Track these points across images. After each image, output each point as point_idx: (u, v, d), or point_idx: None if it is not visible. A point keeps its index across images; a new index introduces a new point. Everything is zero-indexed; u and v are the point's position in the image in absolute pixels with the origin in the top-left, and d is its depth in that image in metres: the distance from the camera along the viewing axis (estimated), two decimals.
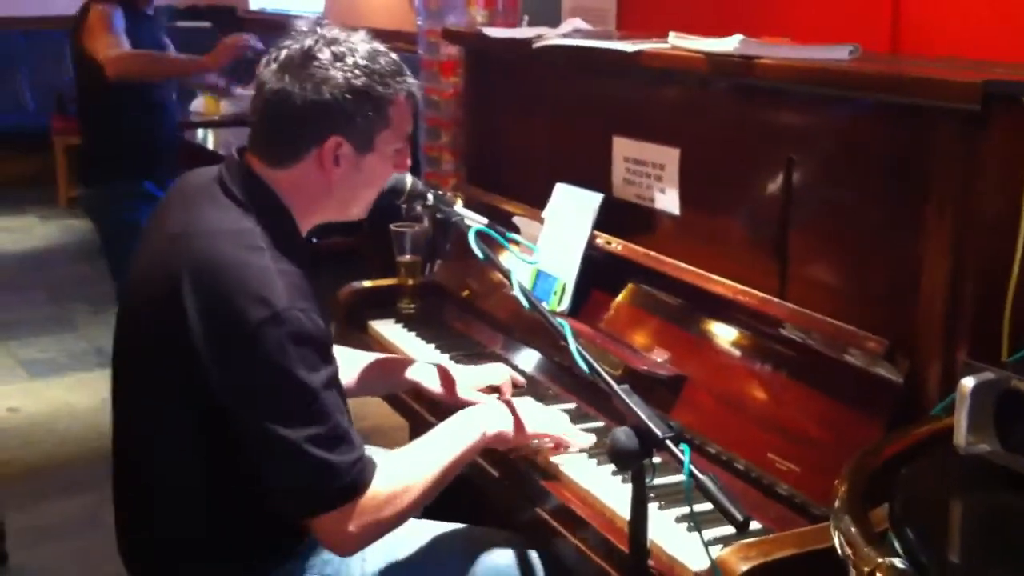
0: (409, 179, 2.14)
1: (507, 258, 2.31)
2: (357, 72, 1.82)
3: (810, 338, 1.86)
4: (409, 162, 2.00)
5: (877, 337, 1.73)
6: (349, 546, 1.80)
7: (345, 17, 4.61)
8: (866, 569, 1.14)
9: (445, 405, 2.20)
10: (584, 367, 1.76)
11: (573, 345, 1.77)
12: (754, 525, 1.76)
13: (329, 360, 1.79)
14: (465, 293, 2.82)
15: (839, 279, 1.89)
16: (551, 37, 2.49)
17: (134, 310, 1.92)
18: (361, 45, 1.86)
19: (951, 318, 1.66)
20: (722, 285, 2.04)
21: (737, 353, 2.01)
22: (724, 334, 2.05)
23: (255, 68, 1.91)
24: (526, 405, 2.06)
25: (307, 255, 1.88)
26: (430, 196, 2.18)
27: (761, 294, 1.96)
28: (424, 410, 2.36)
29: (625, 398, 1.67)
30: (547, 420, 2.04)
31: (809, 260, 1.95)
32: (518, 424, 1.97)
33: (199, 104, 6.56)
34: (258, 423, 1.72)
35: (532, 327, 2.52)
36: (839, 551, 1.23)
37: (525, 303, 1.93)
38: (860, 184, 1.84)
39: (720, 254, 2.12)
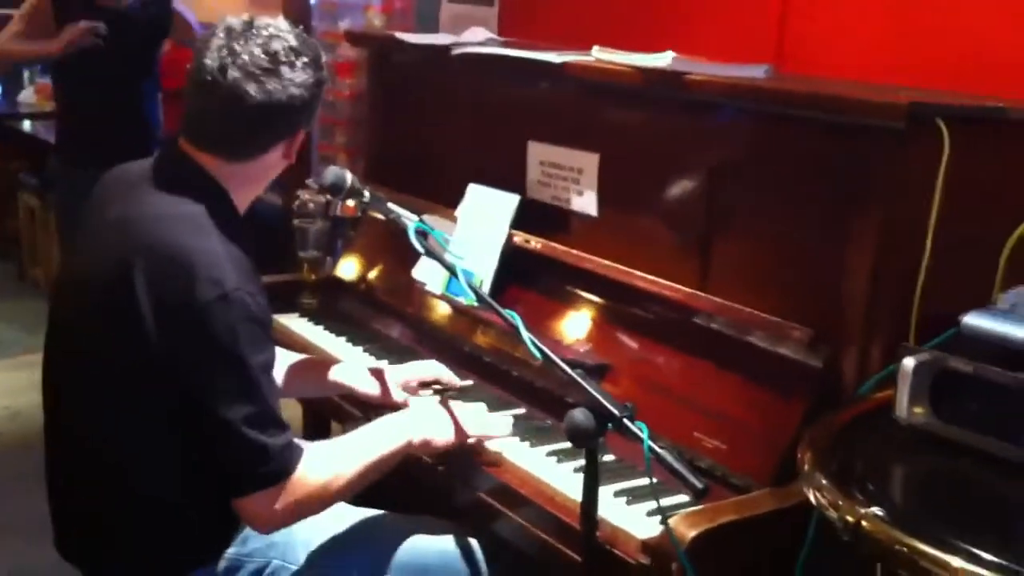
0: (349, 176, 2.23)
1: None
2: (314, 67, 1.93)
3: (736, 329, 2.06)
4: None
5: (802, 327, 1.93)
6: (271, 525, 1.88)
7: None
8: (850, 519, 1.33)
9: (378, 405, 2.28)
10: (537, 355, 1.89)
11: (526, 335, 1.90)
12: (681, 498, 1.93)
13: (270, 344, 1.87)
14: (363, 287, 2.91)
15: (760, 278, 2.08)
16: (467, 45, 2.62)
17: (76, 300, 1.93)
18: (295, 35, 1.94)
19: (870, 311, 1.88)
20: (647, 280, 2.22)
21: (661, 344, 2.19)
22: (647, 327, 2.23)
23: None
24: (459, 410, 2.12)
25: (250, 237, 1.93)
26: (366, 193, 2.26)
27: (688, 289, 2.14)
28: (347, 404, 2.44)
29: (582, 381, 1.81)
30: (479, 423, 2.13)
31: (731, 259, 2.15)
32: (449, 431, 2.06)
33: (28, 95, 6.34)
34: (199, 400, 1.78)
35: (439, 319, 2.65)
36: (818, 506, 1.42)
37: (472, 296, 2.06)
38: (783, 191, 2.05)
39: (640, 253, 2.29)
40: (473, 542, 2.11)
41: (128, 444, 1.88)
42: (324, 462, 1.89)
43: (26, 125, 6.12)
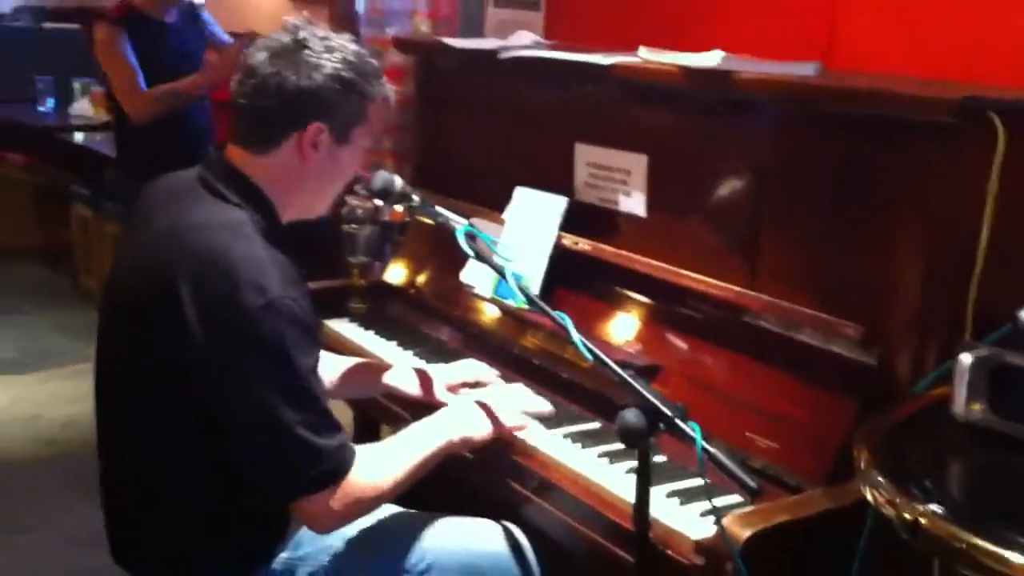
0: (398, 181, 2.25)
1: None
2: (346, 65, 1.93)
3: (786, 327, 2.05)
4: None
5: (853, 324, 1.92)
6: (330, 525, 1.91)
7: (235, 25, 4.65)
8: (908, 517, 1.32)
9: (422, 405, 2.30)
10: (588, 356, 1.89)
11: (576, 336, 1.90)
12: (734, 498, 1.92)
13: (317, 346, 1.89)
14: (412, 291, 2.93)
15: (810, 276, 2.07)
16: (514, 49, 2.63)
17: (123, 308, 1.96)
18: (349, 44, 1.97)
19: (923, 308, 1.86)
20: (696, 280, 2.22)
21: (711, 344, 2.18)
22: (697, 327, 2.22)
23: None
24: (495, 403, 2.16)
25: (294, 244, 1.95)
26: (415, 197, 2.28)
27: (737, 288, 2.14)
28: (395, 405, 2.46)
29: (633, 382, 1.81)
30: (514, 412, 2.17)
31: (780, 258, 2.14)
32: (486, 426, 2.10)
33: (82, 107, 6.44)
34: (251, 407, 1.79)
35: (488, 322, 2.65)
36: (875, 504, 1.41)
37: (522, 298, 2.07)
38: (832, 188, 2.04)
39: (689, 253, 2.29)
40: (524, 541, 2.12)
41: (171, 452, 1.90)
42: (375, 462, 1.91)
43: (78, 137, 6.21)
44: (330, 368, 2.31)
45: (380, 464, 1.92)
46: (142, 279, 1.89)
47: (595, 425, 2.26)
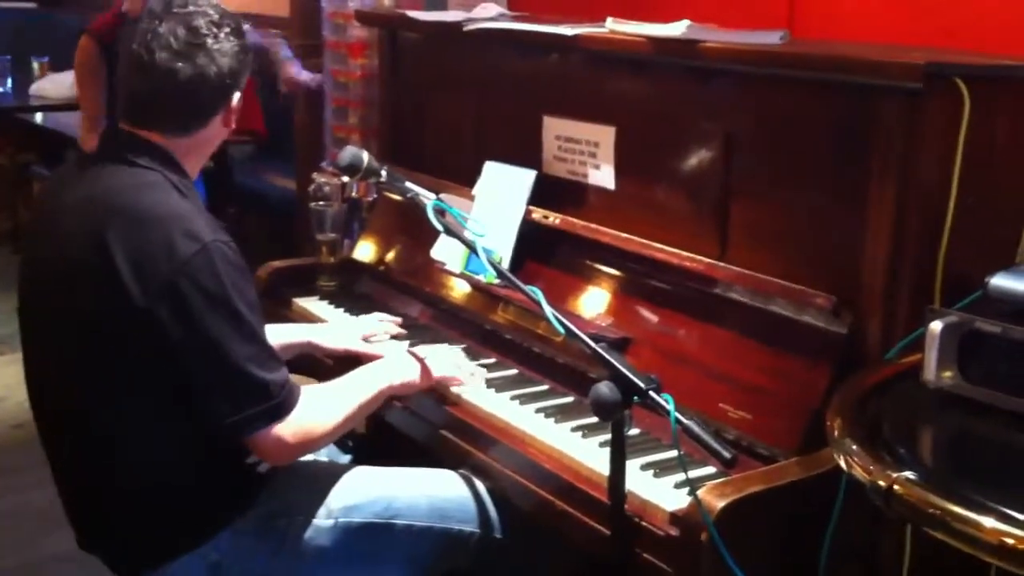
0: (366, 156, 2.24)
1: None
2: (236, 35, 2.02)
3: (758, 298, 2.05)
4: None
5: (824, 294, 1.92)
6: (283, 458, 1.98)
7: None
8: (882, 483, 1.33)
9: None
10: (560, 329, 1.89)
11: (548, 310, 1.90)
12: (707, 469, 1.93)
13: (252, 285, 1.96)
14: (382, 268, 2.92)
15: (780, 246, 2.07)
16: (479, 21, 2.61)
17: (51, 287, 1.96)
18: (213, 7, 2.03)
19: (893, 275, 1.87)
20: (667, 252, 2.21)
21: (682, 315, 2.18)
22: (668, 299, 2.22)
23: None
24: (430, 353, 2.27)
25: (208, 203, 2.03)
26: (383, 172, 2.27)
27: (708, 259, 2.13)
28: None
29: (606, 355, 1.81)
30: (448, 364, 2.26)
31: (750, 228, 2.14)
32: (423, 372, 2.21)
33: (41, 87, 6.34)
34: (200, 349, 1.85)
35: (459, 298, 2.65)
36: (849, 472, 1.41)
37: (493, 273, 2.07)
38: (800, 157, 2.04)
39: (659, 225, 2.28)
40: (482, 488, 2.18)
41: (132, 420, 1.91)
42: (323, 400, 2.01)
43: (38, 117, 6.13)
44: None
45: (327, 401, 2.01)
46: (65, 252, 1.91)
47: (568, 399, 2.26)
